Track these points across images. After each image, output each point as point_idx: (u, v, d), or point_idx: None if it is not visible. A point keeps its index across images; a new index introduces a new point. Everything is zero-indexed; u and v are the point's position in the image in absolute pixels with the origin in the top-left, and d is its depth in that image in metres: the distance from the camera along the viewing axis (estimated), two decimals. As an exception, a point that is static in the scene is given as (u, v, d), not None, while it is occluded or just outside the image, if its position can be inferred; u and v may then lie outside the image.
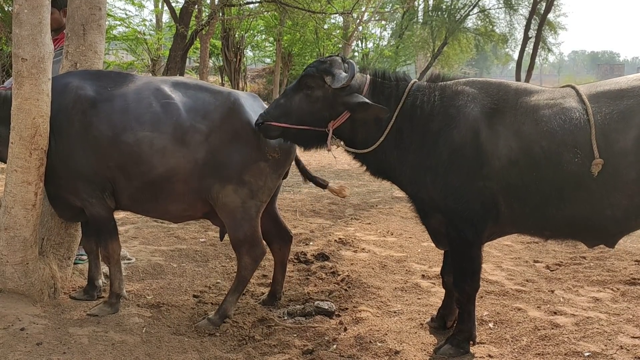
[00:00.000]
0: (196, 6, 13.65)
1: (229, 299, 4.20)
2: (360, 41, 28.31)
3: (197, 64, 19.95)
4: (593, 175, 3.34)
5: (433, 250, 6.07)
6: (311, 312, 4.38)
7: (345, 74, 3.62)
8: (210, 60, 21.41)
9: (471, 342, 3.81)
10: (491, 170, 3.50)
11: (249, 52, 27.13)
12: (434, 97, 3.68)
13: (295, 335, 4.02)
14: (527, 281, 5.25)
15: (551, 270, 5.63)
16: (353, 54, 27.28)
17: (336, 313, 4.42)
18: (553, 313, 4.43)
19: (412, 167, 3.70)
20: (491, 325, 4.22)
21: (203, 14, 14.84)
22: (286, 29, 21.79)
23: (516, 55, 23.42)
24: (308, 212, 7.92)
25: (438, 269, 5.10)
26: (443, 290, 4.23)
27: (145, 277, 5.07)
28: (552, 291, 4.95)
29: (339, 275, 5.20)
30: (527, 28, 21.94)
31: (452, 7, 25.76)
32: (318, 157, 13.24)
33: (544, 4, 21.39)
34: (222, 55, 22.06)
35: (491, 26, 26.65)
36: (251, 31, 23.58)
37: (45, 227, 4.49)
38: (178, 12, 13.72)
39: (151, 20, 23.74)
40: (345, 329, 4.11)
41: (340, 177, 10.94)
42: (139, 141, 3.94)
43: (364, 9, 21.97)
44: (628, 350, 3.77)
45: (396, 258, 5.89)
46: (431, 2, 27.04)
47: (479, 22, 27.19)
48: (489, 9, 26.25)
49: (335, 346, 3.84)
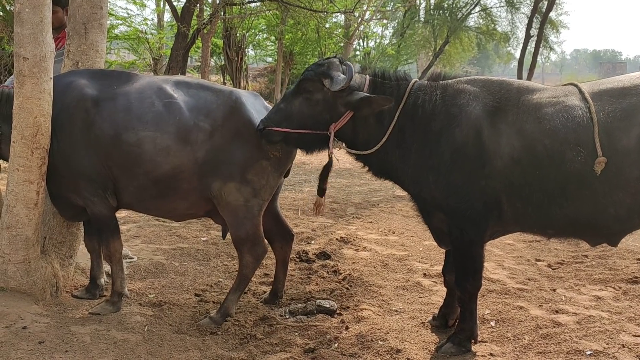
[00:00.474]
0: (198, 5, 13.64)
1: (231, 298, 4.20)
2: (361, 40, 28.26)
3: (199, 63, 19.96)
4: (596, 173, 3.34)
5: (434, 249, 6.07)
6: (313, 311, 4.39)
7: (343, 76, 3.61)
8: (211, 59, 21.39)
9: (473, 341, 3.81)
10: (493, 169, 3.50)
11: (251, 51, 27.12)
12: (436, 96, 3.67)
13: (296, 333, 4.02)
14: (529, 280, 5.24)
15: (553, 268, 5.63)
16: (354, 53, 27.23)
17: (338, 312, 4.42)
18: (555, 312, 4.43)
19: (415, 167, 3.69)
20: (493, 323, 4.22)
21: (205, 13, 14.83)
22: (288, 28, 21.76)
23: (518, 53, 23.33)
24: (309, 211, 7.91)
25: (439, 268, 5.09)
26: (444, 288, 4.23)
27: (147, 276, 5.07)
28: (554, 290, 4.95)
29: (341, 274, 5.20)
30: (529, 26, 21.85)
31: (454, 6, 25.70)
32: (320, 156, 13.20)
33: (546, 3, 21.34)
34: (224, 54, 22.02)
35: (493, 25, 26.56)
36: (253, 30, 23.54)
37: (47, 226, 4.49)
38: (179, 11, 13.71)
39: (153, 19, 23.71)
40: (346, 328, 4.11)
41: (342, 177, 10.94)
42: (142, 140, 3.95)
43: (366, 8, 21.94)
44: (630, 348, 3.76)
45: (398, 257, 5.88)
46: (433, 1, 26.98)
47: (481, 21, 27.10)
48: (491, 8, 26.17)
49: (336, 345, 3.84)
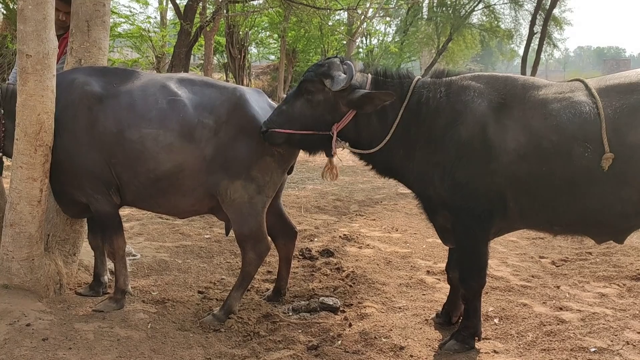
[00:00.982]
0: (200, 3, 13.65)
1: (234, 295, 4.20)
2: (364, 37, 28.21)
3: (202, 61, 19.96)
4: (603, 169, 3.32)
5: (438, 246, 6.06)
6: (316, 308, 4.38)
7: (344, 76, 3.59)
8: (214, 57, 21.39)
9: (476, 338, 3.80)
10: (499, 165, 3.47)
11: (253, 49, 27.10)
12: (440, 93, 3.65)
13: (300, 331, 4.02)
14: (533, 277, 5.23)
15: (557, 265, 5.61)
16: (357, 51, 27.21)
17: (341, 309, 4.41)
18: (559, 309, 4.41)
19: (419, 164, 3.67)
20: (496, 321, 4.21)
21: (207, 11, 14.83)
22: (291, 26, 21.74)
23: (521, 51, 23.32)
24: (313, 209, 7.91)
25: (443, 265, 5.08)
26: (448, 286, 4.22)
27: (150, 273, 5.08)
28: (558, 287, 4.93)
29: (344, 271, 5.19)
30: (533, 24, 21.81)
31: (457, 3, 25.65)
32: (323, 156, 13.19)
33: (549, 0, 21.28)
34: (227, 52, 22.05)
35: (496, 22, 26.52)
36: (255, 28, 23.55)
37: (50, 224, 4.50)
38: (182, 9, 13.72)
39: (156, 17, 23.72)
40: (350, 325, 4.10)
41: (345, 174, 10.93)
42: (145, 138, 3.95)
43: (369, 5, 21.90)
44: (634, 345, 3.75)
45: (401, 254, 5.88)
46: (436, -2, 26.93)
47: (484, 18, 27.08)
48: (494, 5, 26.12)
49: (340, 342, 3.84)
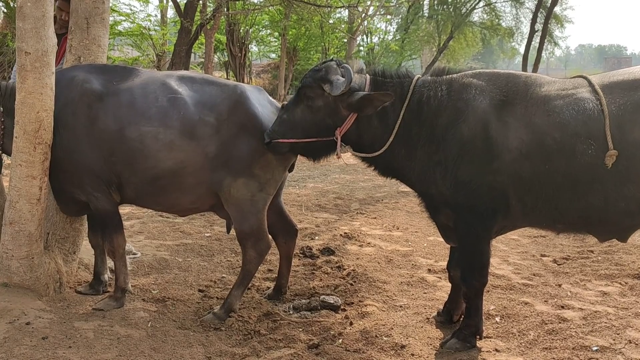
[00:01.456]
0: (201, 1, 13.62)
1: (234, 293, 4.19)
2: (365, 35, 28.13)
3: (203, 60, 19.94)
4: (607, 166, 3.30)
5: (439, 244, 6.05)
6: (317, 307, 4.37)
7: (342, 79, 3.56)
8: (215, 55, 21.37)
9: (478, 337, 3.79)
10: (502, 163, 3.45)
11: (254, 47, 27.07)
12: (441, 92, 3.62)
13: (300, 329, 4.01)
14: (534, 275, 5.22)
15: (558, 264, 5.60)
16: (358, 49, 27.14)
17: (342, 307, 4.40)
18: (560, 307, 4.40)
19: (421, 163, 3.65)
20: (498, 319, 4.20)
21: (208, 9, 14.80)
22: (291, 24, 21.69)
23: (522, 49, 23.26)
24: (313, 207, 7.90)
25: (444, 263, 5.07)
26: (449, 284, 4.21)
27: (150, 272, 5.06)
28: (560, 285, 4.92)
29: (345, 269, 5.18)
30: (534, 21, 21.76)
31: (458, 1, 25.56)
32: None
33: (551, -3, 21.25)
34: (227, 50, 22.03)
35: (497, 20, 26.43)
36: (256, 26, 23.49)
37: (50, 222, 4.48)
38: (183, 7, 13.70)
39: (156, 15, 23.69)
40: (351, 324, 4.09)
41: (346, 172, 10.91)
42: (145, 135, 3.93)
43: (370, 3, 21.87)
44: (637, 344, 3.73)
45: (402, 252, 5.86)
46: (436, -4, 26.84)
47: (485, 16, 26.98)
48: (495, 3, 26.02)
49: (341, 340, 3.82)
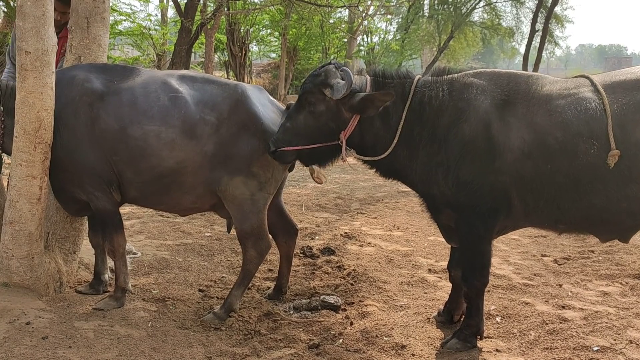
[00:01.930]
0: (201, 0, 13.62)
1: (235, 293, 4.18)
2: (365, 35, 28.14)
3: (203, 59, 19.93)
4: (609, 166, 3.29)
5: (439, 244, 6.04)
6: (317, 307, 4.36)
7: (343, 82, 3.55)
8: (215, 55, 21.36)
9: (478, 337, 3.78)
10: (504, 163, 3.45)
11: (254, 47, 27.06)
12: (442, 92, 3.61)
13: (301, 329, 4.00)
14: (535, 275, 5.21)
15: (559, 264, 5.59)
16: (359, 48, 27.14)
17: (342, 307, 4.40)
18: (561, 307, 4.39)
19: (423, 164, 3.64)
20: (498, 319, 4.19)
21: (208, 9, 14.80)
22: (292, 23, 21.69)
23: (523, 48, 23.29)
24: (314, 207, 7.89)
25: (444, 263, 5.06)
26: (450, 284, 4.20)
27: (150, 272, 5.06)
28: (560, 285, 4.91)
29: (345, 269, 5.17)
30: (534, 21, 21.78)
31: (458, 1, 25.55)
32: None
33: (551, -3, 21.25)
34: (227, 50, 22.03)
35: (497, 20, 26.43)
36: (256, 26, 23.49)
37: (50, 221, 4.48)
38: (183, 7, 13.69)
39: (156, 15, 23.72)
40: (351, 323, 4.09)
41: (346, 172, 10.90)
42: (147, 134, 3.93)
43: (370, 3, 21.88)
44: (638, 344, 3.72)
45: (402, 252, 5.86)
46: (437, -4, 26.82)
47: (485, 16, 26.97)
48: (495, 2, 26.00)
49: (341, 340, 3.82)
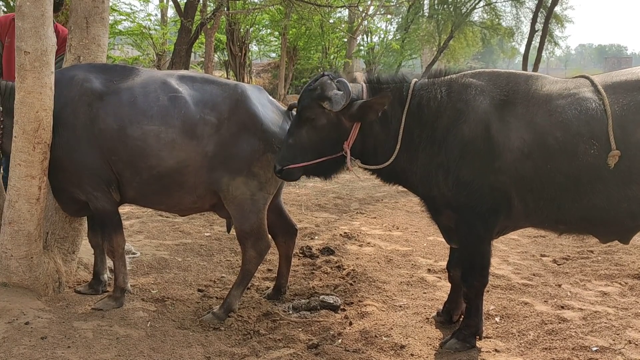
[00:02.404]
0: (201, 0, 13.61)
1: (234, 293, 4.18)
2: (365, 35, 28.11)
3: (203, 59, 19.91)
4: (610, 167, 3.29)
5: (439, 244, 6.04)
6: (316, 307, 4.36)
7: (340, 93, 3.54)
8: (215, 55, 21.34)
9: (478, 337, 3.78)
10: (503, 163, 3.44)
11: (254, 47, 27.03)
12: (441, 93, 3.61)
13: (300, 329, 4.00)
14: (534, 275, 5.21)
15: (558, 264, 5.59)
16: (358, 48, 27.12)
17: (341, 307, 4.40)
18: (560, 307, 4.39)
19: (423, 166, 3.64)
20: (497, 319, 4.19)
21: (208, 8, 14.79)
22: (291, 23, 21.66)
23: (523, 48, 23.27)
24: (313, 206, 7.89)
25: (444, 263, 5.06)
26: (449, 284, 4.20)
27: (150, 272, 5.06)
28: (559, 285, 4.91)
29: (344, 269, 5.17)
30: (534, 21, 21.76)
31: (458, 1, 25.54)
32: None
33: (551, -3, 21.24)
34: (227, 49, 22.00)
35: (497, 19, 26.41)
36: (256, 25, 23.46)
37: (49, 221, 4.48)
38: (183, 6, 13.68)
39: (156, 15, 23.69)
40: (350, 323, 4.09)
41: (345, 172, 10.89)
42: (147, 134, 3.93)
43: (370, 3, 21.86)
44: (637, 345, 3.72)
45: (402, 252, 5.86)
46: (437, -4, 26.81)
47: (485, 16, 26.96)
48: (495, 2, 25.98)
49: (340, 340, 3.82)
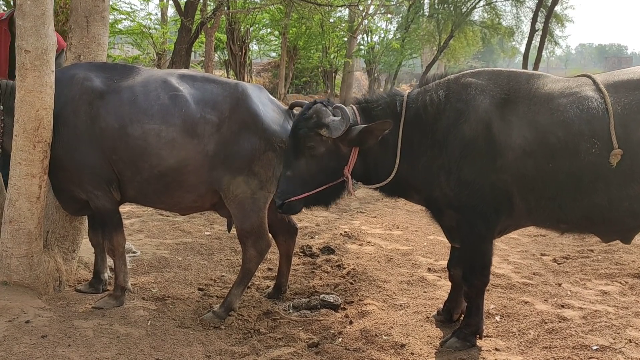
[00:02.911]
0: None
1: (234, 292, 4.18)
2: (366, 34, 28.08)
3: (203, 58, 19.91)
4: (611, 166, 3.28)
5: (439, 243, 6.05)
6: (317, 306, 4.37)
7: (338, 119, 3.52)
8: (215, 54, 21.33)
9: (478, 336, 3.78)
10: (505, 162, 3.44)
11: (254, 46, 27.01)
12: (438, 96, 3.61)
13: (300, 328, 4.01)
14: (534, 274, 5.21)
15: (558, 263, 5.59)
16: (359, 47, 27.11)
17: (342, 306, 4.40)
18: (560, 306, 4.39)
19: (425, 169, 3.63)
20: (498, 318, 4.20)
21: (208, 8, 14.77)
22: (292, 22, 21.65)
23: (523, 48, 23.29)
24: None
25: (444, 263, 5.06)
26: (449, 283, 4.20)
27: (150, 270, 5.06)
28: (560, 284, 4.91)
29: (345, 268, 5.18)
30: (534, 21, 21.76)
31: (458, 0, 25.54)
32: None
33: (551, -4, 21.23)
34: (227, 49, 21.97)
35: (498, 19, 26.40)
36: (256, 25, 23.44)
37: (49, 220, 4.48)
38: (183, 6, 13.67)
39: (156, 14, 23.65)
40: (350, 323, 4.09)
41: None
42: (147, 133, 3.93)
43: (370, 2, 21.84)
44: (637, 344, 3.72)
45: (402, 251, 5.86)
46: (437, -5, 26.80)
47: (486, 15, 26.95)
48: (495, 2, 25.96)
49: (340, 339, 3.82)
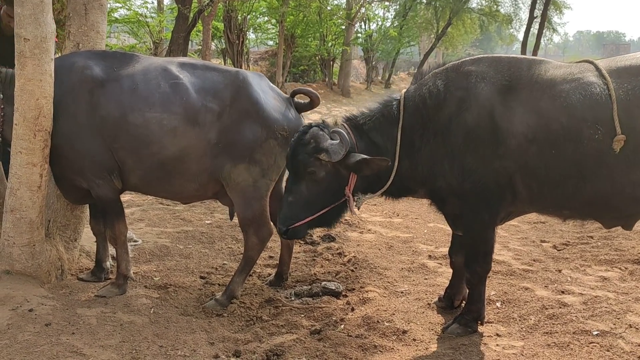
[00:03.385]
0: (198, -13, 13.48)
1: (236, 280, 4.19)
2: (363, 22, 27.97)
3: (200, 47, 19.81)
4: (615, 152, 3.28)
5: (439, 230, 6.07)
6: (318, 293, 4.39)
7: (336, 142, 3.50)
8: (212, 42, 21.21)
9: (479, 322, 3.80)
10: (507, 149, 3.44)
11: (252, 35, 26.87)
12: (436, 87, 3.59)
13: (302, 315, 4.02)
14: (534, 261, 5.24)
15: (558, 249, 5.62)
16: (356, 35, 26.99)
17: (343, 293, 4.42)
18: (561, 292, 4.42)
19: (428, 159, 3.62)
20: (499, 304, 4.22)
21: (205, -4, 14.67)
22: (289, 10, 21.54)
23: (521, 35, 23.26)
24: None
25: (444, 250, 5.09)
26: (450, 270, 4.22)
27: (152, 259, 5.07)
28: (560, 270, 4.94)
29: (346, 256, 5.19)
30: (532, 8, 21.72)
31: (456, -13, 25.43)
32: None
33: (550, -17, 21.16)
34: (225, 37, 21.86)
35: (496, 6, 26.35)
36: (254, 13, 23.31)
37: (51, 209, 4.48)
38: (180, -6, 13.55)
39: (153, 2, 23.49)
40: (352, 309, 4.11)
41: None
42: (148, 122, 3.92)
43: (368, -11, 21.72)
44: (637, 329, 3.75)
45: (402, 239, 5.88)
46: (435, -18, 26.67)
47: (483, 2, 26.91)
48: (494, -11, 25.92)
49: (343, 326, 3.84)
